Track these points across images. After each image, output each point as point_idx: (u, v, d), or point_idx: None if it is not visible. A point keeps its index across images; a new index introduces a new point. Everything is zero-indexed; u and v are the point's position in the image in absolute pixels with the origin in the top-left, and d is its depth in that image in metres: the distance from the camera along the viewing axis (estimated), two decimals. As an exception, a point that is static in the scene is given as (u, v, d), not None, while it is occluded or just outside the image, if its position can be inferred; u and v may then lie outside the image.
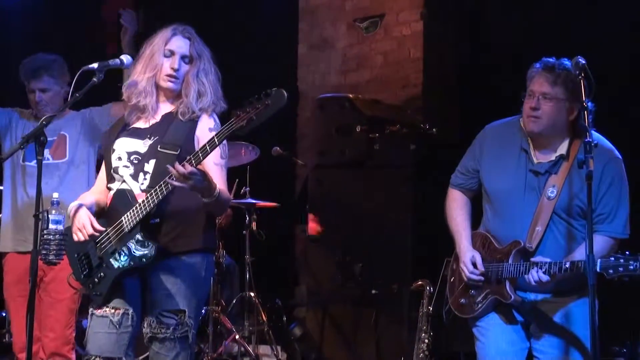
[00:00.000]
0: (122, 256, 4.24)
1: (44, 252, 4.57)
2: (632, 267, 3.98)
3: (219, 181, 4.18)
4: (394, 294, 6.48)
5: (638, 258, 3.98)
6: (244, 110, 3.81)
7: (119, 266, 4.25)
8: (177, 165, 3.87)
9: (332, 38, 7.97)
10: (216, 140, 3.91)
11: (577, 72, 4.18)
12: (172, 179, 3.94)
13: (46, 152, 5.55)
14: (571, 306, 4.41)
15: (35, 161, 5.59)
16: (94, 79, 4.38)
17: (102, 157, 5.12)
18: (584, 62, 4.15)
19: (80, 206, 4.38)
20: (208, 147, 3.92)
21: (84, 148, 5.76)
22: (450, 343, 5.53)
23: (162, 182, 4.07)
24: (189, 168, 3.86)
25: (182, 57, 4.39)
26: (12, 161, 5.71)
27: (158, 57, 4.39)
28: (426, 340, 5.52)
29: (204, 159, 3.94)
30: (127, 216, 4.18)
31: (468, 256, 4.52)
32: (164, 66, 4.38)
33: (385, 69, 7.64)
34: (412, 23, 7.53)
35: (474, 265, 4.48)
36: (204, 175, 3.95)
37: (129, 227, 4.19)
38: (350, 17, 7.84)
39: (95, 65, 4.41)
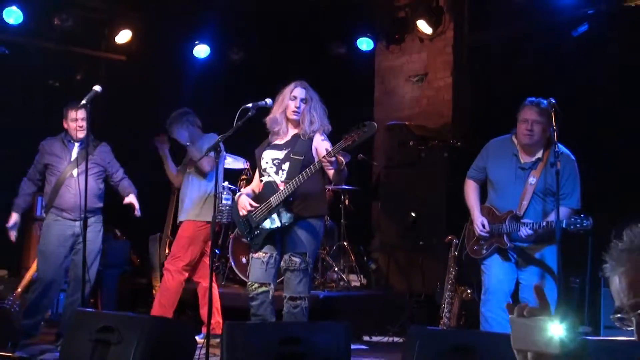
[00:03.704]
0: (271, 221, 4.32)
1: (219, 216, 4.70)
2: (585, 223, 4.04)
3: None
4: (433, 244, 6.45)
5: (589, 218, 4.03)
6: (350, 135, 3.93)
7: (269, 227, 4.34)
8: (326, 156, 4.01)
9: (395, 88, 7.95)
10: (332, 152, 4.01)
11: (551, 107, 4.20)
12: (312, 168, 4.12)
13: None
14: (545, 250, 4.41)
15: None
16: (249, 114, 4.36)
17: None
18: (554, 101, 4.21)
19: (240, 194, 4.52)
20: (333, 152, 4.01)
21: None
22: (467, 275, 5.47)
23: (296, 177, 4.16)
24: (332, 158, 3.99)
25: (301, 100, 4.43)
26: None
27: (286, 100, 4.45)
28: (453, 273, 5.48)
29: (334, 155, 3.99)
30: (275, 197, 4.27)
31: (479, 220, 4.55)
32: (289, 106, 4.44)
33: (428, 107, 7.60)
34: (445, 78, 7.46)
35: (484, 226, 4.51)
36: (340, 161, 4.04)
37: (275, 203, 4.28)
38: (407, 75, 7.81)
39: (249, 105, 4.38)
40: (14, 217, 5.39)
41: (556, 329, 1.61)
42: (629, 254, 1.58)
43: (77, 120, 5.33)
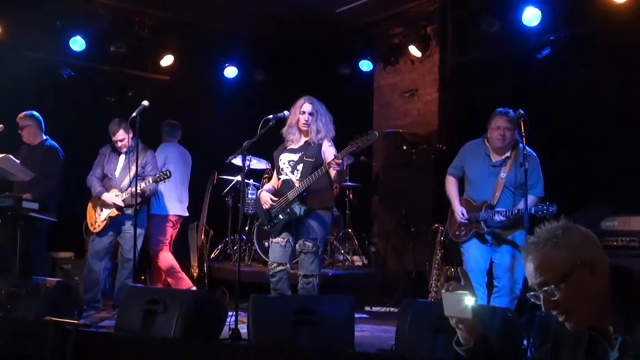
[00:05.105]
0: (288, 212, 4.31)
1: (246, 209, 4.68)
2: (551, 209, 4.01)
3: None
4: (423, 231, 6.42)
5: (554, 205, 3.99)
6: (355, 141, 3.95)
7: (285, 217, 4.33)
8: (335, 159, 4.03)
9: (391, 101, 7.92)
10: (340, 155, 4.01)
11: (519, 117, 4.16)
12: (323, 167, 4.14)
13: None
14: (516, 234, 4.38)
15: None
16: (270, 124, 4.37)
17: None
18: (522, 112, 4.16)
19: (261, 190, 4.52)
20: (340, 156, 4.01)
21: None
22: (450, 256, 5.45)
23: (309, 177, 4.15)
24: (339, 160, 4.01)
25: (309, 113, 4.41)
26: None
27: (297, 114, 4.44)
28: (439, 254, 5.48)
29: (342, 158, 4.02)
30: (291, 192, 4.26)
31: (459, 210, 4.52)
32: (300, 118, 4.43)
33: (418, 117, 7.56)
34: (433, 93, 7.43)
35: (463, 214, 4.48)
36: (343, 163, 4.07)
37: (291, 197, 4.27)
38: (401, 90, 7.77)
39: (270, 116, 4.40)
40: (106, 196, 5.30)
41: (469, 300, 1.79)
42: (535, 245, 1.75)
43: (117, 142, 5.39)
